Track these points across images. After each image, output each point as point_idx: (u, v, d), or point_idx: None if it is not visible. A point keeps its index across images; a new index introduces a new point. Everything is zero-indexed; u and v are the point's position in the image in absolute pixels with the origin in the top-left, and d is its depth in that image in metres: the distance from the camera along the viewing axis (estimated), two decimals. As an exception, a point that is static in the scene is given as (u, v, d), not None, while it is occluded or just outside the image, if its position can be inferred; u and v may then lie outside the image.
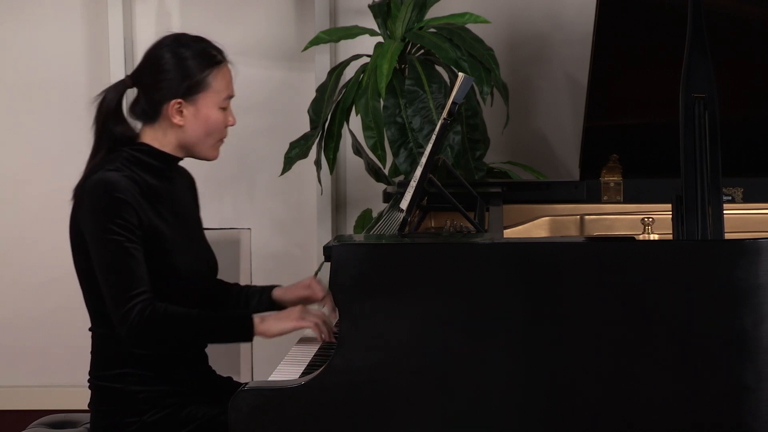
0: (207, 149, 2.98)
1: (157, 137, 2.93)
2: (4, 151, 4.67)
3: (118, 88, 2.96)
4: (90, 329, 2.92)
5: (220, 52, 2.97)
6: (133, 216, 2.80)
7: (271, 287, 3.15)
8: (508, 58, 4.48)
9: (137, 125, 2.96)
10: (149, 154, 2.92)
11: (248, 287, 3.16)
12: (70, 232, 2.88)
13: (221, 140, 3.00)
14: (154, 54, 2.94)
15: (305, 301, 3.11)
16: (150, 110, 2.92)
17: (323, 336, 2.91)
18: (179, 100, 2.89)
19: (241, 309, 3.10)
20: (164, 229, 2.86)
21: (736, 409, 2.49)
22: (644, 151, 3.55)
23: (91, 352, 2.92)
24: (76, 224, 2.86)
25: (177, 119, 2.90)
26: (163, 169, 2.93)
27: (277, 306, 3.13)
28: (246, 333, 2.85)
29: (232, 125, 2.99)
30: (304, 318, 2.88)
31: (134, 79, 2.95)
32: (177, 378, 2.90)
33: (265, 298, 3.13)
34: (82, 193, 2.85)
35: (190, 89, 2.90)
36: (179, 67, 2.90)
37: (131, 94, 3.00)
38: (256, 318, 2.85)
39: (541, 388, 2.51)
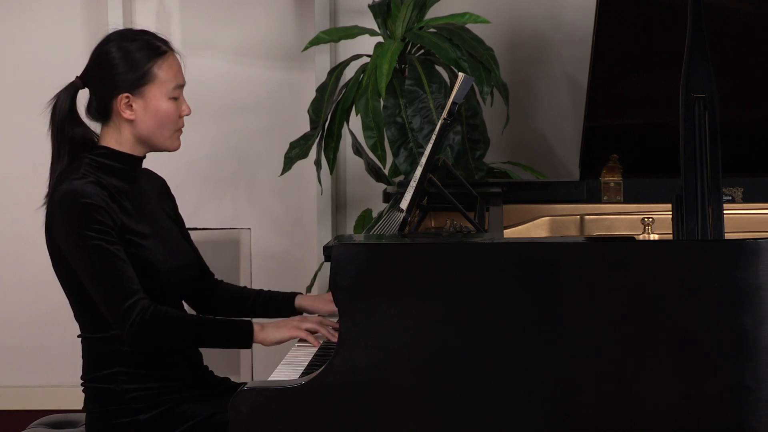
0: (164, 140, 2.93)
1: (114, 136, 2.91)
2: (4, 151, 4.67)
3: (69, 91, 2.93)
4: (79, 336, 2.92)
5: (165, 42, 2.93)
6: (107, 218, 2.79)
7: (293, 294, 3.14)
8: (508, 58, 4.48)
9: (98, 128, 2.95)
10: (110, 157, 2.90)
11: (265, 292, 3.16)
12: (48, 247, 2.87)
13: (179, 130, 2.95)
14: (98, 51, 2.92)
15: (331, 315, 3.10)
16: (102, 108, 2.91)
17: (326, 335, 2.91)
18: (127, 95, 2.87)
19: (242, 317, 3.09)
20: (135, 226, 2.85)
21: (736, 409, 2.49)
22: (644, 151, 3.55)
23: (82, 357, 2.92)
24: (52, 238, 2.85)
25: (127, 114, 2.88)
26: (126, 170, 2.92)
27: (299, 313, 3.15)
28: (245, 340, 2.85)
29: (186, 115, 2.94)
30: (299, 328, 2.89)
31: (83, 79, 2.93)
32: (169, 376, 2.89)
33: (285, 307, 3.13)
34: (52, 207, 2.84)
35: (137, 82, 2.87)
36: (124, 61, 2.88)
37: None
38: (256, 325, 2.86)
39: (542, 388, 2.51)
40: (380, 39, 4.17)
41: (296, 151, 4.13)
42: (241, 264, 4.63)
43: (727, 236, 2.60)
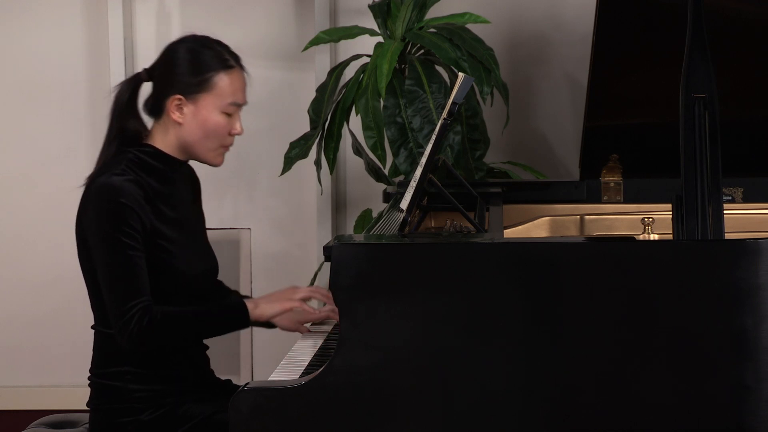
0: (207, 153, 2.94)
1: (161, 135, 2.92)
2: (4, 151, 4.67)
3: (133, 81, 2.95)
4: (93, 327, 2.93)
5: (235, 58, 2.95)
6: (137, 222, 2.80)
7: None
8: (508, 58, 4.48)
9: (149, 124, 2.97)
10: (153, 156, 2.91)
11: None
12: (76, 233, 2.88)
13: (225, 147, 2.96)
14: (169, 49, 2.94)
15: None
16: (155, 104, 2.92)
17: (321, 299, 2.92)
18: (179, 96, 2.88)
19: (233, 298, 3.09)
20: (166, 231, 2.87)
21: (736, 409, 2.49)
22: (644, 151, 3.55)
23: (93, 350, 2.93)
24: (81, 227, 2.86)
25: (176, 115, 2.89)
26: (166, 171, 2.93)
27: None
28: (242, 321, 2.88)
29: (237, 134, 2.95)
30: (292, 299, 2.91)
31: (149, 72, 2.95)
32: (175, 378, 2.90)
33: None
34: (87, 196, 2.85)
35: (193, 87, 2.88)
36: (188, 64, 2.89)
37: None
38: (250, 304, 2.88)
39: (542, 389, 2.51)
40: (380, 39, 4.17)
41: (296, 151, 4.13)
42: (241, 264, 4.64)
43: (727, 236, 2.61)
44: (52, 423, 3.23)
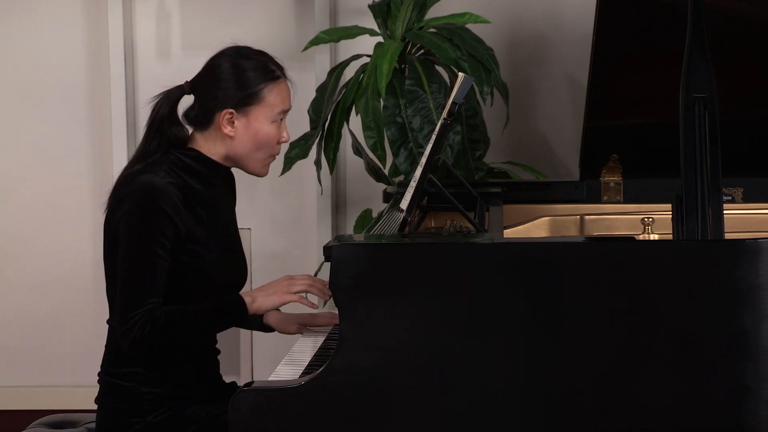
0: (256, 164, 2.97)
1: (206, 145, 2.94)
2: (4, 151, 4.67)
3: (174, 94, 2.96)
4: (108, 321, 2.92)
5: (279, 68, 2.97)
6: (170, 229, 2.80)
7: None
8: (508, 58, 4.48)
9: (189, 130, 2.97)
10: (197, 160, 2.92)
11: None
12: (105, 225, 2.88)
13: (272, 156, 2.99)
14: (213, 63, 2.95)
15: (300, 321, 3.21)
16: (202, 118, 2.93)
17: (317, 295, 2.92)
18: (231, 111, 2.90)
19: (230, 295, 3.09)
20: (200, 235, 2.87)
21: (736, 409, 2.49)
22: (644, 151, 3.55)
23: (106, 345, 2.93)
24: (112, 219, 2.85)
25: (227, 129, 2.91)
26: (209, 175, 2.94)
27: (269, 329, 3.23)
28: (241, 317, 2.88)
29: (285, 141, 2.98)
30: (290, 292, 2.90)
31: (192, 85, 2.96)
32: (185, 381, 2.90)
33: (256, 321, 3.18)
34: (125, 192, 2.84)
35: (244, 101, 2.90)
36: (236, 77, 2.90)
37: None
38: (247, 298, 2.87)
39: (541, 389, 2.51)
40: (380, 39, 4.17)
41: (296, 151, 4.13)
42: (241, 264, 4.63)
43: (727, 236, 2.61)
44: (52, 423, 3.23)
